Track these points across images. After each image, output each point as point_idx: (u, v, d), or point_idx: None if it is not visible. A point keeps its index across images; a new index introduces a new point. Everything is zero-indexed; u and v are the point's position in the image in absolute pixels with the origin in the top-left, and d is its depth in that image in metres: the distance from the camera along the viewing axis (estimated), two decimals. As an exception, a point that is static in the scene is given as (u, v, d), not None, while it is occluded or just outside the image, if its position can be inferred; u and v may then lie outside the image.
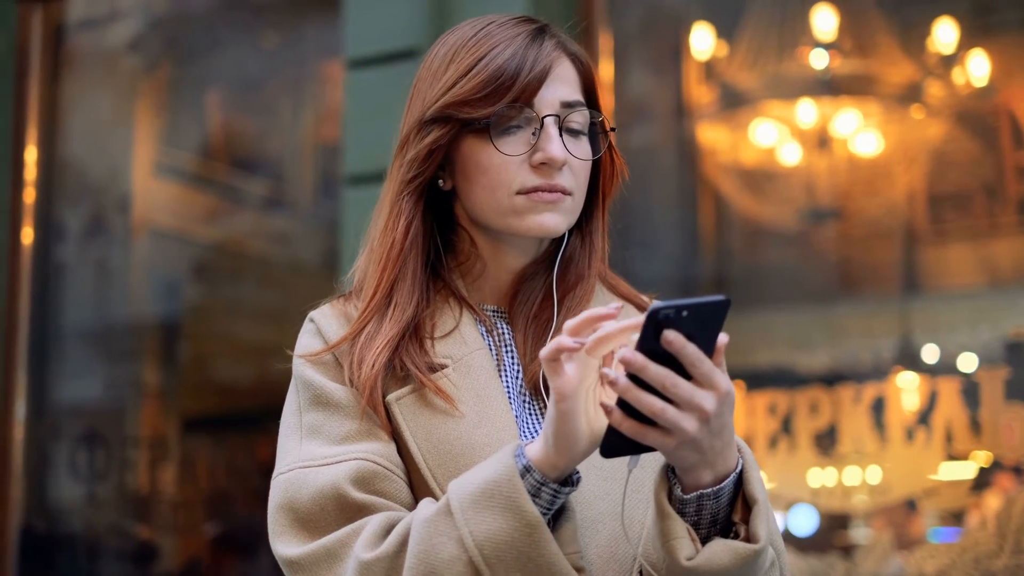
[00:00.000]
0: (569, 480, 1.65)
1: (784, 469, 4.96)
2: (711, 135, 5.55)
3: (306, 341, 1.90)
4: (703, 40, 5.47)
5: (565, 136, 1.85)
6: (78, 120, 6.02)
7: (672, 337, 1.50)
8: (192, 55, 6.30)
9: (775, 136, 5.51)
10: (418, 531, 1.65)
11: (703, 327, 1.52)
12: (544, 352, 1.58)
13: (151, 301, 6.27)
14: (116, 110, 6.18)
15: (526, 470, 1.63)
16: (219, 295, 6.29)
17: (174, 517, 5.97)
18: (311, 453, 1.79)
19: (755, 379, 5.18)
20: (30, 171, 5.68)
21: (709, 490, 1.61)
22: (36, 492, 5.72)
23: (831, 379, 5.02)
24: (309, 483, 1.76)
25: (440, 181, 1.89)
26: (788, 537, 4.90)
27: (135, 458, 6.02)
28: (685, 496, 1.61)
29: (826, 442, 4.92)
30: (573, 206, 1.88)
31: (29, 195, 5.67)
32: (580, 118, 1.87)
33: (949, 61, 5.15)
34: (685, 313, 1.51)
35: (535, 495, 1.62)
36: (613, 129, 1.92)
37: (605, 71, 4.85)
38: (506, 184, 1.83)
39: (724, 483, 1.61)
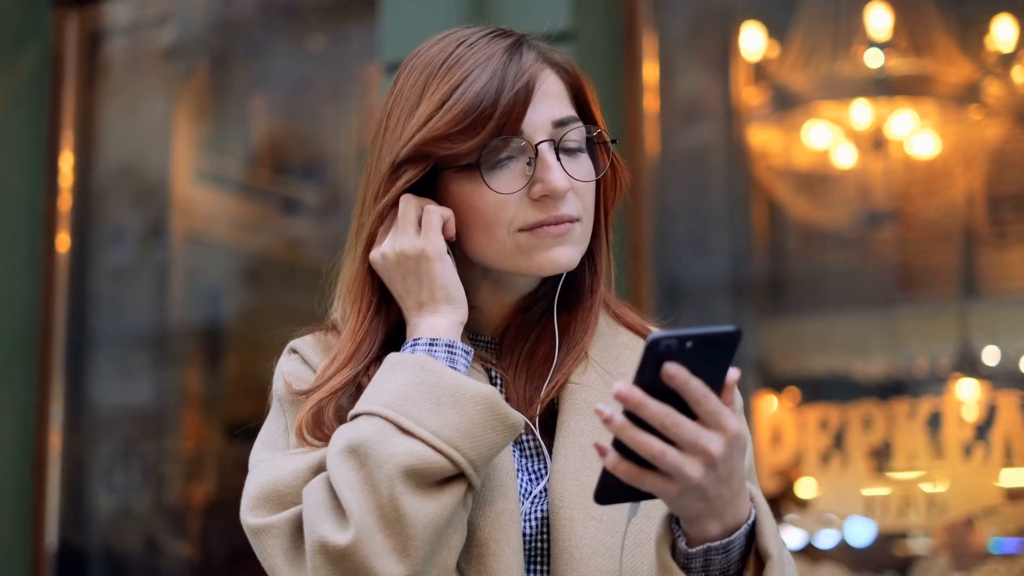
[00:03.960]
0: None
1: (837, 486, 4.84)
2: (763, 137, 5.41)
3: (290, 367, 1.77)
4: (753, 40, 5.33)
5: (563, 158, 1.68)
6: (115, 127, 5.96)
7: (674, 371, 1.35)
8: (232, 61, 6.25)
9: (829, 138, 5.37)
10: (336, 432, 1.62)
11: (710, 361, 1.37)
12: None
13: (195, 309, 6.22)
14: (155, 117, 6.12)
15: (413, 345, 1.63)
16: (265, 302, 6.23)
17: (215, 530, 5.92)
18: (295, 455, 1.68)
19: (811, 386, 5.09)
20: (65, 178, 5.62)
21: (717, 543, 1.45)
22: (73, 504, 5.66)
23: (886, 391, 4.89)
24: (289, 464, 1.65)
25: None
26: (844, 549, 4.81)
27: (178, 469, 5.97)
28: (690, 550, 1.46)
29: (881, 458, 4.78)
30: (583, 233, 1.71)
31: (65, 202, 5.61)
32: (576, 135, 1.70)
33: (1008, 60, 5.00)
34: (689, 344, 1.35)
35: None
36: (614, 141, 1.75)
37: (650, 73, 4.75)
38: (504, 223, 1.67)
39: (734, 535, 1.46)
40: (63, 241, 5.61)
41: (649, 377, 1.35)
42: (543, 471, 1.69)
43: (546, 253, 1.68)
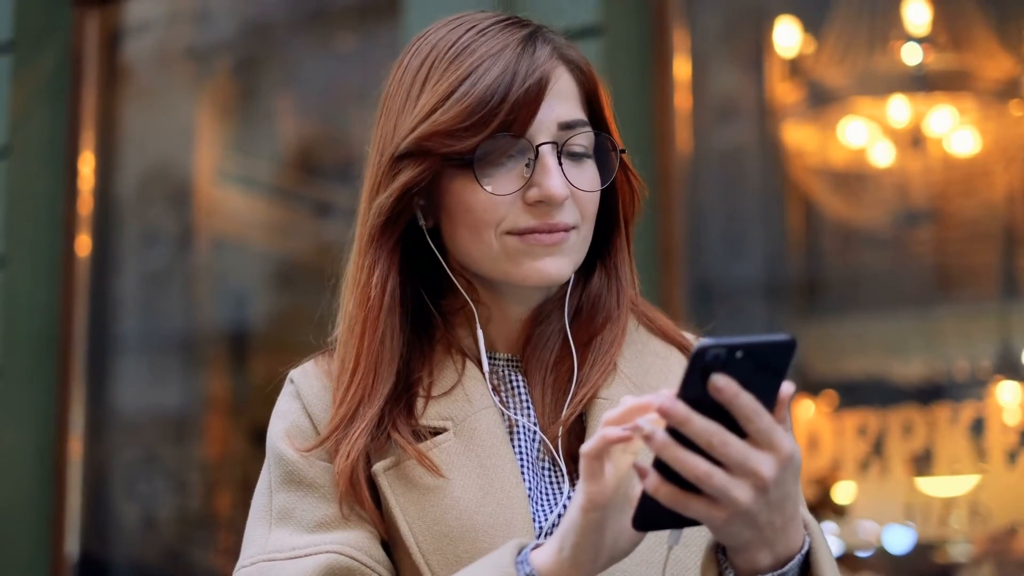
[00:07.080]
0: None
1: (876, 494, 4.79)
2: (798, 135, 5.35)
3: (284, 406, 1.65)
4: (788, 35, 5.25)
5: (566, 163, 1.56)
6: (137, 128, 5.92)
7: (722, 384, 1.23)
8: (257, 61, 6.21)
9: (866, 135, 5.30)
10: None
11: (762, 373, 1.25)
12: (587, 448, 1.31)
13: (222, 313, 6.18)
14: (179, 118, 6.08)
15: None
16: (294, 306, 6.18)
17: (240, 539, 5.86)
18: (279, 543, 1.55)
19: (848, 390, 5.03)
20: (85, 181, 5.56)
21: (769, 575, 1.33)
22: (95, 512, 5.61)
23: (926, 395, 4.82)
24: None
25: (421, 221, 1.62)
26: (883, 557, 4.76)
27: (202, 476, 5.92)
28: None
29: (921, 465, 4.70)
30: (579, 243, 1.60)
31: (85, 205, 5.55)
32: (583, 139, 1.58)
33: (1050, 55, 4.96)
34: (740, 354, 1.23)
35: None
36: (623, 151, 1.63)
37: (682, 70, 4.65)
38: (492, 224, 1.55)
39: (787, 567, 1.33)
40: (84, 244, 5.55)
41: (694, 390, 1.24)
42: (568, 494, 1.58)
43: (535, 263, 1.57)
